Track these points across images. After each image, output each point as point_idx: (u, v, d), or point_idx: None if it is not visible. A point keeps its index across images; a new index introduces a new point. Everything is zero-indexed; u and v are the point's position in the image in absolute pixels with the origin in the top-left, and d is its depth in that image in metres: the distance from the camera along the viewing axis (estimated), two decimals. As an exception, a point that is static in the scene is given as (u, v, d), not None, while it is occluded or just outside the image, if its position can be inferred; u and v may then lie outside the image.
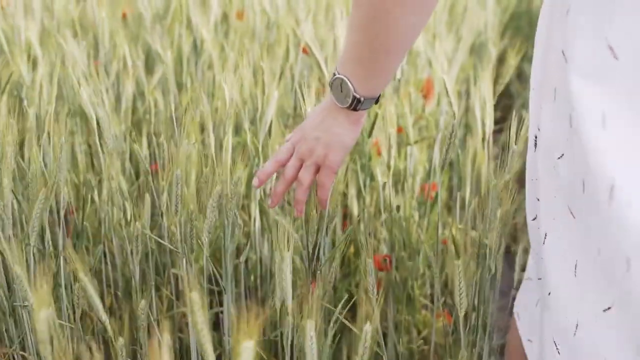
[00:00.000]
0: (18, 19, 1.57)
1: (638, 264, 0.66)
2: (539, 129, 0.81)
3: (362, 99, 0.84)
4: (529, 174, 0.87)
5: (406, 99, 1.36)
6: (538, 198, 0.82)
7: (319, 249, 0.99)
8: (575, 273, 0.75)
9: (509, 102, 2.45)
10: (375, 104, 0.88)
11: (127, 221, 1.13)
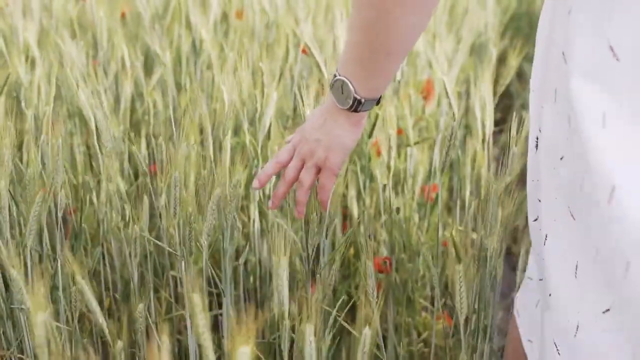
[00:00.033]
0: (16, 19, 1.57)
1: (637, 266, 0.66)
2: (540, 130, 0.81)
3: (363, 100, 0.84)
4: (531, 175, 0.86)
5: (406, 100, 1.35)
6: (539, 199, 0.82)
7: (318, 251, 0.99)
8: (575, 274, 0.74)
9: (509, 103, 2.44)
10: (376, 105, 0.87)
11: (126, 222, 1.13)
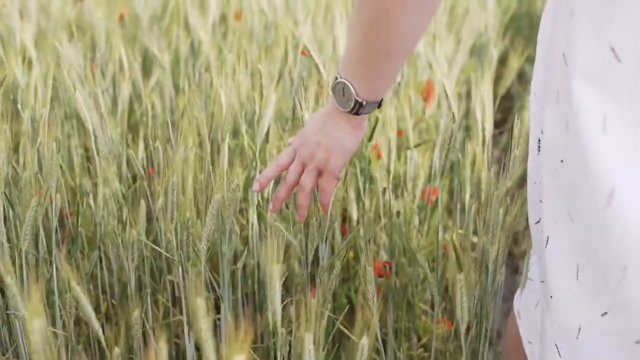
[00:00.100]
0: (13, 20, 1.56)
1: (634, 269, 0.66)
2: (542, 132, 0.80)
3: (364, 103, 0.84)
4: (532, 177, 0.86)
5: (406, 101, 1.34)
6: (541, 200, 0.81)
7: (317, 254, 0.98)
8: (577, 276, 0.74)
9: (510, 104, 2.43)
10: (377, 108, 0.87)
11: (123, 226, 1.12)
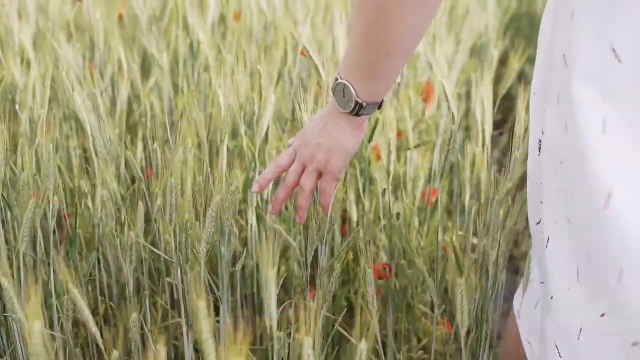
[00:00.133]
0: (12, 21, 1.55)
1: (630, 274, 0.65)
2: (543, 133, 0.80)
3: (365, 104, 0.84)
4: (533, 178, 0.85)
5: (406, 102, 1.34)
6: (542, 202, 0.81)
7: (316, 255, 0.98)
8: (578, 277, 0.74)
9: (510, 104, 2.43)
10: (378, 109, 0.87)
11: (122, 227, 1.11)
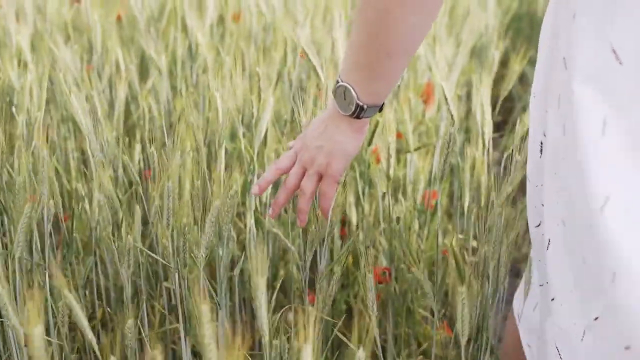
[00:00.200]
0: (9, 22, 1.54)
1: (622, 276, 0.65)
2: (545, 135, 0.80)
3: (366, 107, 0.83)
4: (533, 180, 0.85)
5: (406, 104, 1.33)
6: (542, 204, 0.81)
7: (315, 257, 0.97)
8: (573, 280, 0.74)
9: (510, 106, 2.42)
10: (379, 112, 0.86)
11: (119, 230, 1.10)
